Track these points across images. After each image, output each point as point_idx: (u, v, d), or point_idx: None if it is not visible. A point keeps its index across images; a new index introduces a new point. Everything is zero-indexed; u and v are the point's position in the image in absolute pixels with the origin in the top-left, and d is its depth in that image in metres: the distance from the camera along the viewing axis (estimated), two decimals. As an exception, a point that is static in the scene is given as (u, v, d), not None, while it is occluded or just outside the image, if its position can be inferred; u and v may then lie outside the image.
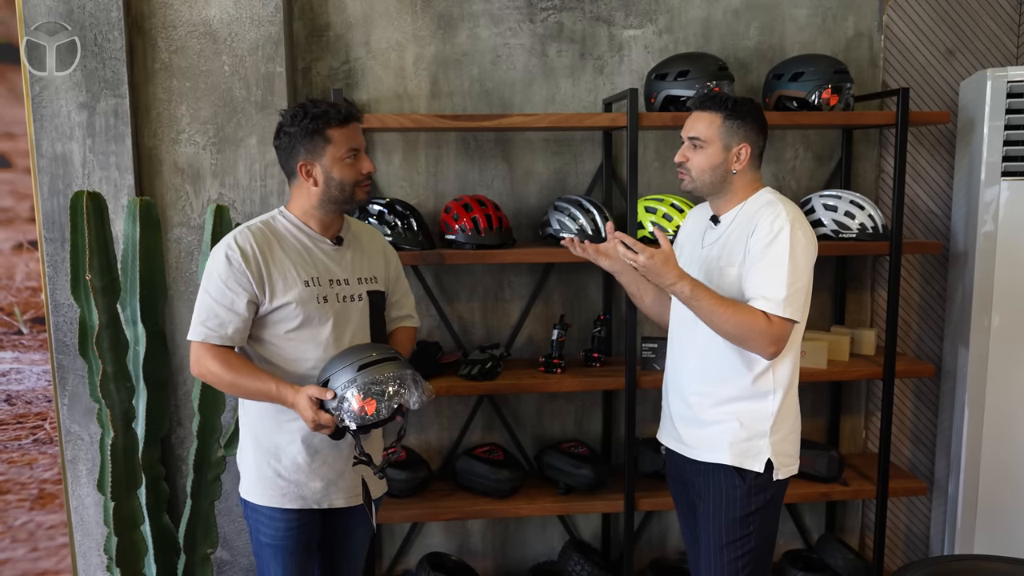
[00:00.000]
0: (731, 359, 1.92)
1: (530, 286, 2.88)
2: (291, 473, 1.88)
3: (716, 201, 2.01)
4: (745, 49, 2.84)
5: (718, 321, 1.82)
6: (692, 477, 2.04)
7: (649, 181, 2.87)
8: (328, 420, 1.74)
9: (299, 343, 1.85)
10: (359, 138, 1.89)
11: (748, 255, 1.87)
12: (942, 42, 2.90)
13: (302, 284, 1.84)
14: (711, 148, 1.92)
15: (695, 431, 2.00)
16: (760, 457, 1.92)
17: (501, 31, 2.76)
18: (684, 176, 1.98)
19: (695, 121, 1.96)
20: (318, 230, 1.91)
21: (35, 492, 2.63)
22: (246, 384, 1.80)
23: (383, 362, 1.78)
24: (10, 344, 2.58)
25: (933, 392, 3.05)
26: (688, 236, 2.13)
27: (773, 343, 1.82)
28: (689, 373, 2.02)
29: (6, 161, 2.51)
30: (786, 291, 1.81)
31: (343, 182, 1.85)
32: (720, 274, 1.93)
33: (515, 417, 2.95)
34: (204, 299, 1.83)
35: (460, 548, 2.99)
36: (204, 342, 1.81)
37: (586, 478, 2.66)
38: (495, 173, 2.83)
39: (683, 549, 3.04)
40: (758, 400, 1.93)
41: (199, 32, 2.50)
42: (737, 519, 1.94)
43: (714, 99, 1.94)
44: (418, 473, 2.66)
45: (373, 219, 2.52)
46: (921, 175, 2.96)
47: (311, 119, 1.81)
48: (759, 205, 1.93)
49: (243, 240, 1.83)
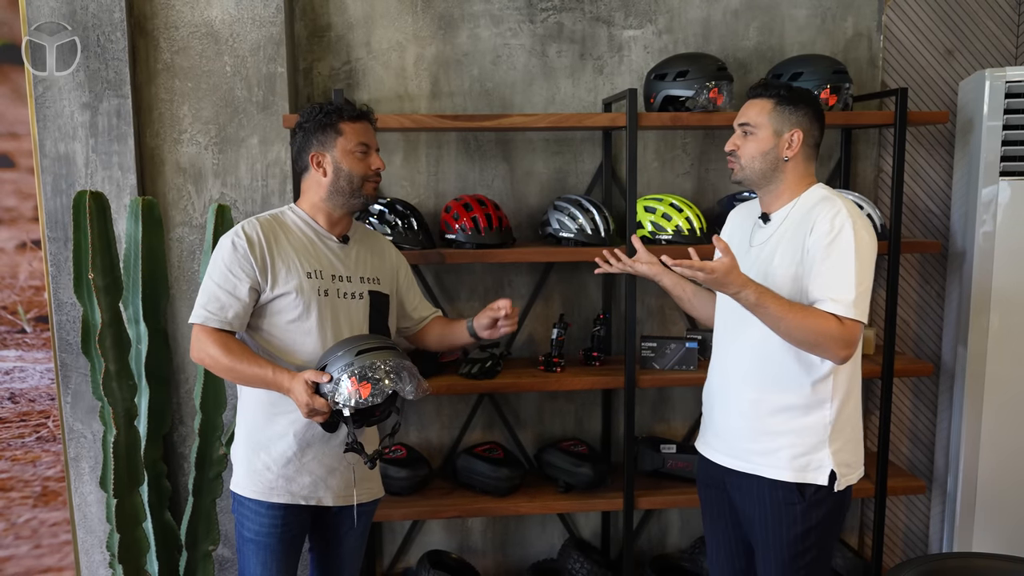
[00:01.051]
0: (789, 364, 1.84)
1: (530, 285, 2.90)
2: (280, 466, 1.89)
3: (766, 195, 1.93)
4: (744, 49, 2.85)
5: (787, 327, 1.74)
6: (741, 490, 1.94)
7: (649, 181, 2.88)
8: (322, 404, 1.75)
9: (297, 334, 1.88)
10: (371, 136, 1.96)
11: (807, 255, 1.79)
12: (941, 42, 2.91)
13: (304, 275, 1.87)
14: (761, 134, 1.87)
15: (748, 444, 1.91)
16: (823, 469, 1.84)
17: (501, 31, 2.77)
18: (734, 165, 1.92)
19: (747, 108, 1.91)
20: (326, 226, 1.95)
21: (38, 489, 2.65)
22: (243, 369, 1.81)
23: (381, 350, 1.81)
24: (14, 342, 2.59)
25: (932, 391, 3.06)
26: (731, 236, 2.07)
27: (846, 346, 1.73)
28: (741, 381, 1.92)
29: (10, 161, 2.53)
30: (855, 292, 1.73)
31: (352, 174, 1.90)
32: (773, 275, 1.85)
33: (515, 416, 2.96)
34: (207, 284, 1.86)
35: (460, 546, 3.00)
36: (204, 325, 1.83)
37: (586, 476, 2.68)
38: (495, 173, 2.84)
39: (683, 547, 3.05)
40: (817, 408, 1.84)
41: (201, 33, 2.51)
42: (799, 534, 1.85)
43: (767, 85, 1.90)
44: (418, 471, 2.68)
45: (374, 219, 2.53)
46: (920, 175, 2.97)
47: (325, 114, 1.91)
48: (814, 201, 1.85)
49: (250, 228, 1.88)
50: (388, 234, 2.51)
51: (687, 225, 2.62)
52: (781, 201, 1.92)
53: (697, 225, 2.63)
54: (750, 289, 1.73)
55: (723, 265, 1.70)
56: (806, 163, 1.90)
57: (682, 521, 3.07)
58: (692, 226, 2.62)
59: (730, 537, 2.04)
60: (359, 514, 2.02)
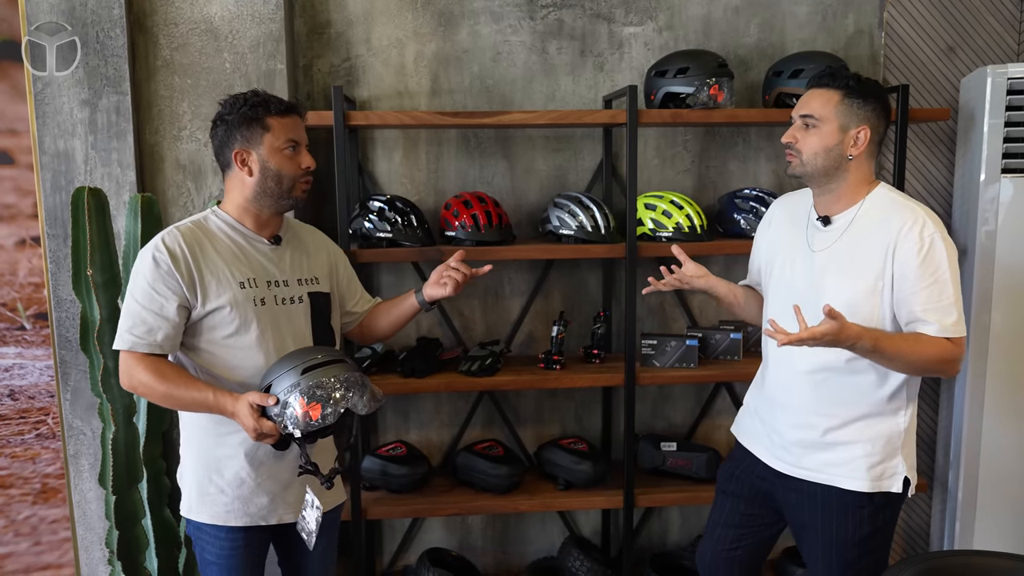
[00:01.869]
0: (863, 377, 1.78)
1: (530, 283, 2.89)
2: (234, 489, 1.79)
3: (825, 195, 1.82)
4: (745, 46, 2.85)
5: (906, 362, 1.69)
6: (799, 497, 1.88)
7: (649, 178, 2.87)
8: (271, 428, 1.64)
9: (237, 349, 1.76)
10: (300, 132, 1.82)
11: (898, 275, 1.71)
12: (943, 39, 2.90)
13: (237, 286, 1.75)
14: (826, 128, 1.75)
15: (818, 454, 1.84)
16: (897, 476, 1.80)
17: (501, 28, 2.77)
18: (792, 158, 1.81)
19: (810, 99, 1.79)
20: (253, 228, 1.82)
21: (38, 487, 2.65)
22: (181, 394, 1.69)
23: (329, 364, 1.68)
24: (13, 339, 2.59)
25: (933, 389, 3.05)
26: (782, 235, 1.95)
27: (960, 362, 1.72)
28: (806, 394, 1.85)
29: (9, 158, 2.52)
30: (957, 310, 1.70)
31: (280, 173, 1.77)
32: (839, 285, 1.77)
33: (515, 413, 2.95)
34: (130, 305, 1.72)
35: (460, 544, 3.00)
36: (132, 351, 1.70)
37: (585, 474, 2.67)
38: (495, 170, 2.84)
39: (683, 544, 3.04)
40: (891, 416, 1.80)
41: (200, 29, 2.51)
42: (866, 536, 1.82)
43: (834, 75, 1.78)
44: (418, 469, 2.67)
45: (374, 215, 2.53)
46: (921, 172, 2.96)
47: (250, 106, 1.75)
48: (887, 207, 1.75)
49: (171, 241, 1.73)
50: (388, 231, 2.51)
51: (687, 223, 2.61)
52: (843, 203, 1.81)
53: (697, 222, 2.63)
54: (864, 340, 1.64)
55: (834, 328, 1.60)
56: (869, 162, 1.80)
57: (682, 519, 3.07)
58: (692, 223, 2.62)
59: (759, 534, 2.02)
60: (324, 523, 1.91)
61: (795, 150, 1.81)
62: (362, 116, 2.45)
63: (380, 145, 2.79)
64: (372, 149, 2.79)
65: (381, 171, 2.80)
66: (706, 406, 3.00)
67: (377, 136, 2.79)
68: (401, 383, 2.55)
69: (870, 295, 1.75)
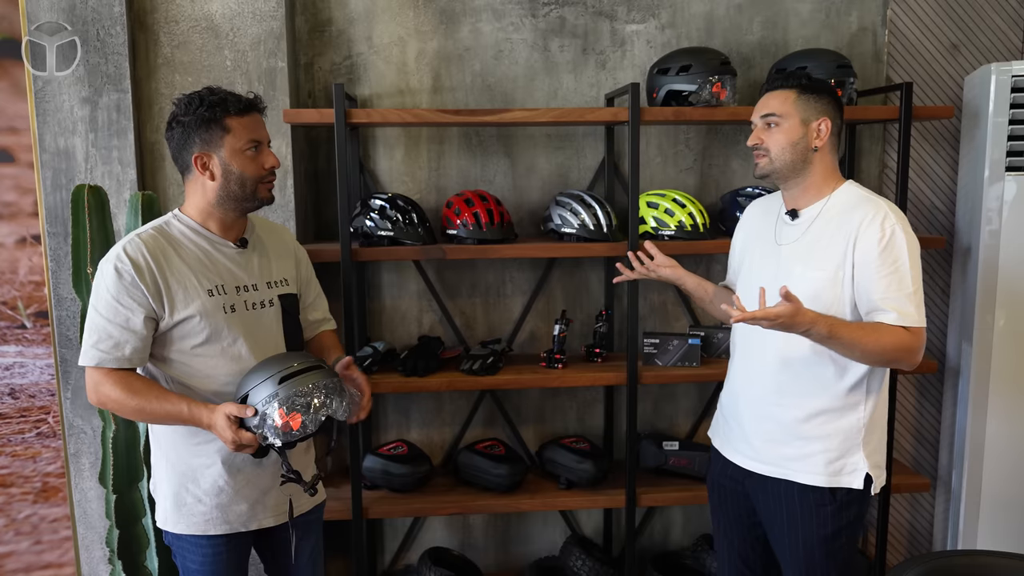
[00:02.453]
0: (822, 369, 1.81)
1: (532, 281, 2.88)
2: (212, 497, 1.75)
3: (794, 189, 1.87)
4: (748, 44, 2.83)
5: (863, 351, 1.72)
6: (765, 493, 1.91)
7: (651, 176, 2.86)
8: (250, 439, 1.61)
9: (208, 358, 1.71)
10: (262, 130, 1.75)
11: (858, 264, 1.75)
12: (946, 36, 2.89)
13: (205, 294, 1.70)
14: (788, 123, 1.81)
15: (782, 449, 1.87)
16: (858, 473, 1.82)
17: (503, 26, 2.76)
18: (761, 158, 1.86)
19: (768, 100, 1.85)
20: (218, 232, 1.76)
21: (38, 485, 2.64)
22: (153, 408, 1.64)
23: (306, 372, 1.64)
24: (14, 338, 2.59)
25: (936, 388, 3.04)
26: (754, 233, 2.01)
27: (918, 353, 1.74)
28: (768, 388, 1.88)
29: (9, 156, 2.52)
30: (915, 300, 1.73)
31: (243, 176, 1.70)
32: (803, 275, 1.80)
33: (517, 412, 2.95)
34: (94, 319, 1.65)
35: (462, 543, 2.99)
36: (99, 367, 1.65)
37: (588, 473, 2.66)
38: (497, 168, 2.83)
39: (685, 545, 3.03)
40: (852, 411, 1.82)
41: (201, 27, 2.50)
42: (829, 535, 1.84)
43: (787, 76, 1.86)
44: (419, 468, 2.66)
45: (375, 214, 2.52)
46: (925, 170, 2.95)
47: (207, 107, 1.67)
48: (852, 201, 1.81)
49: (133, 250, 1.66)
50: (389, 229, 2.50)
51: (690, 221, 2.60)
52: (810, 196, 1.87)
53: (700, 221, 2.62)
54: (819, 325, 1.67)
55: (788, 310, 1.63)
56: (832, 155, 1.86)
57: (685, 518, 3.06)
58: (695, 222, 2.61)
59: (746, 537, 2.02)
60: (307, 522, 1.92)
61: (763, 149, 1.86)
62: (363, 114, 2.44)
63: (381, 143, 2.78)
64: (373, 147, 2.79)
65: (382, 169, 2.79)
66: (708, 405, 2.99)
67: (378, 134, 2.78)
68: (402, 382, 2.54)
69: (832, 284, 1.78)
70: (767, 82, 1.91)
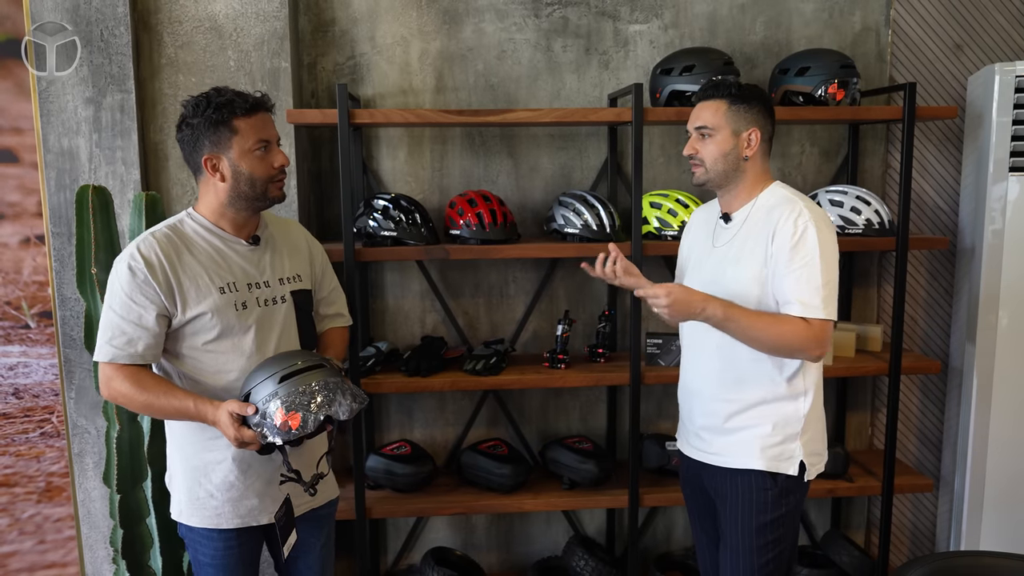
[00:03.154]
0: (759, 363, 1.87)
1: (535, 281, 2.88)
2: (223, 492, 1.78)
3: (727, 195, 1.95)
4: (751, 44, 2.83)
5: (758, 337, 1.78)
6: (716, 483, 1.97)
7: (654, 176, 2.86)
8: (251, 437, 1.63)
9: (220, 354, 1.74)
10: (270, 129, 1.75)
11: (772, 258, 1.81)
12: (950, 36, 2.88)
13: (217, 292, 1.72)
14: (720, 135, 1.87)
15: (721, 438, 1.94)
16: (793, 460, 1.88)
17: (506, 26, 2.76)
18: (697, 168, 1.92)
19: (701, 111, 1.91)
20: (231, 231, 1.78)
21: (42, 485, 2.64)
22: (161, 404, 1.67)
23: (308, 371, 1.66)
24: (18, 338, 2.59)
25: (939, 389, 3.04)
26: (696, 238, 2.07)
27: (818, 346, 1.78)
28: (711, 379, 1.95)
29: (13, 156, 2.52)
30: (822, 293, 1.78)
31: (253, 177, 1.72)
32: (737, 276, 1.87)
33: (519, 412, 2.95)
34: (108, 316, 1.68)
35: (465, 543, 2.99)
36: (112, 363, 1.68)
37: (591, 473, 2.66)
38: (500, 168, 2.83)
39: (688, 545, 3.03)
40: (790, 402, 1.88)
41: (205, 27, 2.50)
42: (768, 522, 1.89)
43: (717, 86, 1.90)
44: (423, 468, 2.67)
45: (378, 214, 2.52)
46: (928, 170, 2.95)
47: (215, 108, 1.68)
48: (774, 201, 1.87)
49: (147, 248, 1.69)
50: (392, 230, 2.50)
51: (693, 221, 2.60)
52: (741, 200, 1.93)
53: (703, 221, 2.62)
54: (715, 306, 1.77)
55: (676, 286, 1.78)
56: (763, 160, 1.92)
57: (687, 519, 3.05)
58: (698, 222, 2.61)
59: (713, 531, 2.07)
60: (318, 517, 1.95)
61: (698, 159, 1.92)
62: (367, 114, 2.44)
63: (384, 143, 2.78)
64: (376, 147, 2.79)
65: (385, 169, 2.79)
66: (711, 405, 2.99)
67: (382, 134, 2.78)
68: (405, 382, 2.54)
69: (756, 282, 1.84)
70: (700, 90, 1.94)
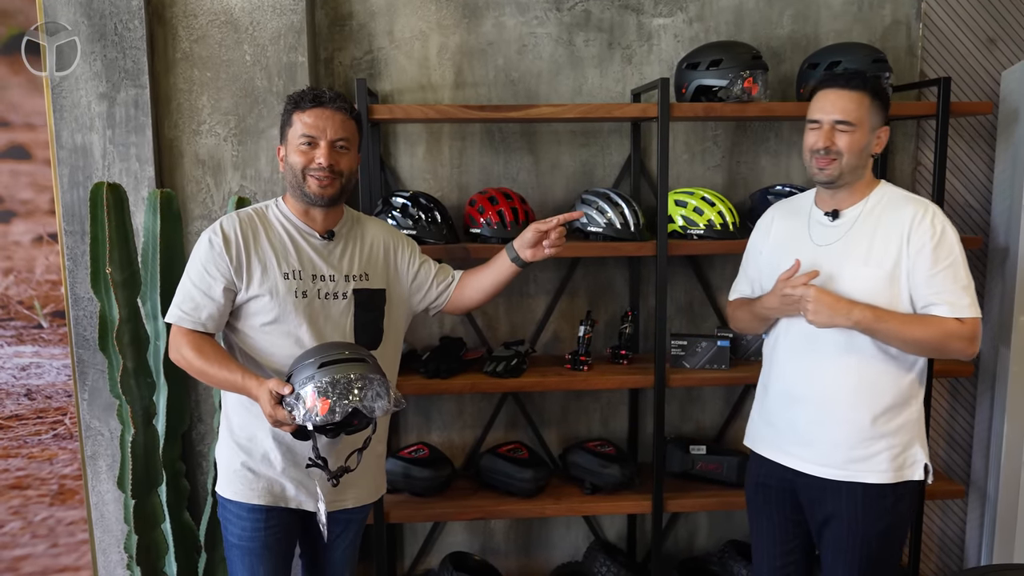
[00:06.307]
0: (888, 366, 1.82)
1: (555, 281, 2.82)
2: (261, 467, 1.83)
3: (840, 192, 1.86)
4: (778, 38, 2.76)
5: (915, 340, 1.76)
6: (821, 494, 1.88)
7: (678, 174, 2.79)
8: (284, 416, 1.65)
9: (274, 337, 1.79)
10: (321, 126, 1.78)
11: (909, 259, 1.77)
12: (983, 30, 2.80)
13: (280, 276, 1.79)
14: (860, 130, 1.79)
15: (848, 452, 1.84)
16: (917, 464, 1.85)
17: (527, 20, 2.69)
18: (831, 163, 1.80)
19: (844, 101, 1.79)
20: (306, 221, 1.85)
21: (55, 488, 2.60)
22: (214, 373, 1.73)
23: (348, 362, 1.66)
24: (30, 338, 2.54)
25: (970, 392, 2.96)
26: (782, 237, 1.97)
27: (972, 342, 1.76)
28: (840, 387, 1.84)
29: (26, 152, 2.47)
30: (969, 292, 1.77)
31: (293, 167, 1.80)
32: (857, 274, 1.80)
33: (539, 414, 2.89)
34: (184, 282, 1.80)
35: (483, 547, 2.94)
36: (178, 325, 1.78)
37: (613, 478, 2.60)
38: (520, 165, 2.77)
39: (711, 549, 2.97)
40: (909, 404, 1.85)
41: (220, 21, 2.45)
42: (885, 528, 1.84)
43: (861, 78, 1.81)
44: (442, 472, 2.61)
45: (397, 212, 2.46)
46: (959, 168, 2.87)
47: (289, 102, 1.83)
48: (895, 199, 1.83)
49: (228, 225, 1.81)
50: (411, 228, 2.44)
51: (719, 220, 2.54)
52: (854, 198, 1.87)
53: (730, 220, 2.55)
54: (862, 310, 1.74)
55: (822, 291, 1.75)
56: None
57: (710, 523, 2.99)
58: (725, 220, 2.54)
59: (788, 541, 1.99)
60: (348, 520, 1.93)
61: (835, 153, 1.81)
62: (386, 110, 2.39)
63: (402, 140, 2.73)
64: (394, 144, 2.73)
65: (403, 166, 2.74)
66: (735, 408, 2.92)
67: (399, 130, 2.72)
68: (424, 384, 2.49)
69: (890, 282, 1.79)
70: (837, 79, 1.83)
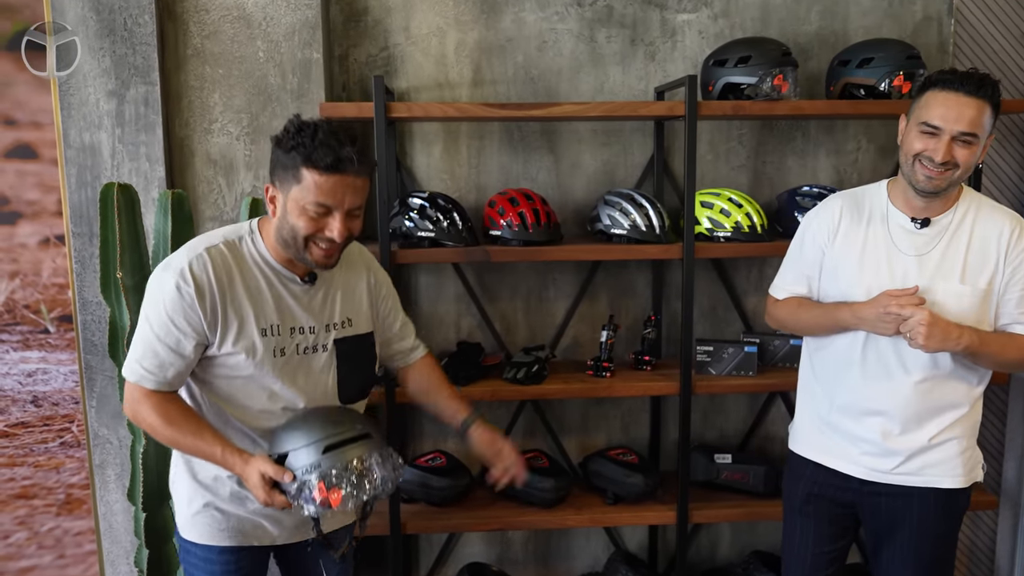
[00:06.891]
0: (967, 377, 1.80)
1: (575, 284, 2.74)
2: (229, 506, 1.66)
3: (936, 200, 1.77)
4: (806, 34, 2.68)
5: (1005, 361, 1.75)
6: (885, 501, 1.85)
7: (702, 174, 2.71)
8: (283, 503, 1.50)
9: (248, 389, 1.61)
10: (339, 194, 1.51)
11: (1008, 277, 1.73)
12: (1017, 26, 2.72)
13: (258, 333, 1.58)
14: (979, 143, 1.68)
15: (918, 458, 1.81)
16: (979, 465, 1.87)
17: (547, 15, 2.61)
18: (944, 174, 1.69)
19: (971, 111, 1.65)
20: (287, 267, 1.62)
21: (62, 497, 2.53)
22: (187, 444, 1.56)
23: (352, 442, 1.53)
24: (36, 343, 2.47)
25: (1001, 399, 2.88)
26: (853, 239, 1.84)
27: None
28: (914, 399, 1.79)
29: (32, 152, 2.40)
30: None
31: (295, 230, 1.53)
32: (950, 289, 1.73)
33: (558, 422, 2.81)
34: (145, 332, 1.55)
35: (500, 558, 2.86)
36: (138, 385, 1.56)
37: (636, 487, 2.52)
38: (540, 165, 2.69)
39: (733, 561, 2.89)
40: (973, 408, 1.84)
41: (232, 16, 2.37)
42: (950, 530, 1.87)
43: (989, 84, 1.67)
44: (460, 481, 2.53)
45: (414, 213, 2.38)
46: (992, 168, 2.78)
47: (296, 145, 1.49)
48: (986, 210, 1.78)
49: (199, 268, 1.54)
50: (430, 230, 2.36)
51: (747, 222, 2.46)
52: (946, 205, 1.79)
53: (758, 221, 2.47)
54: (972, 338, 1.68)
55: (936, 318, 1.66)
56: None
57: (733, 533, 2.91)
58: (753, 223, 2.46)
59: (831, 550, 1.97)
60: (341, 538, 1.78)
61: (950, 165, 1.69)
62: (404, 108, 2.31)
63: (419, 139, 2.65)
64: (410, 143, 2.65)
65: (420, 166, 2.66)
66: (760, 415, 2.84)
67: (415, 129, 2.64)
68: (443, 391, 2.41)
69: (983, 301, 1.76)
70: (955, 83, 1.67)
